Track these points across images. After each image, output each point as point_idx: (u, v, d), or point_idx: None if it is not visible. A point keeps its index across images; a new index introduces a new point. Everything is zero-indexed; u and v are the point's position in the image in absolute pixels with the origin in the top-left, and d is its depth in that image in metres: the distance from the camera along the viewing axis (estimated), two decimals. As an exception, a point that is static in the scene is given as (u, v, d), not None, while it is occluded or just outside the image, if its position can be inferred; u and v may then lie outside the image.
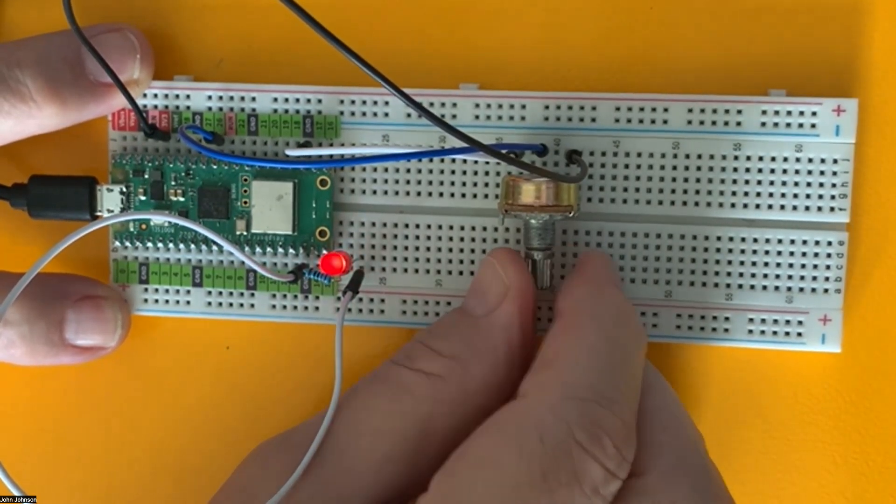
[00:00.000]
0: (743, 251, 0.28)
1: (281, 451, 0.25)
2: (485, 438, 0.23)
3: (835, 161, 0.27)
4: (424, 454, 0.24)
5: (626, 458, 0.22)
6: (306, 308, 0.29)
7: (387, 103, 0.28)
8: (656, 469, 0.23)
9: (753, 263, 0.28)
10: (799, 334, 0.28)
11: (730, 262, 0.28)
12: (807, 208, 0.27)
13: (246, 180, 0.29)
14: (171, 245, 0.29)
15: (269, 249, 0.29)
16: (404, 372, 0.25)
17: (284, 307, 0.29)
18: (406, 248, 0.29)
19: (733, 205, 0.27)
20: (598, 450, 0.22)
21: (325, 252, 0.28)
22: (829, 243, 0.27)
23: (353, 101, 0.28)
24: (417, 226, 0.29)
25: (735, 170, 0.27)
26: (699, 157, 0.27)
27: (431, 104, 0.28)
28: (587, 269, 0.26)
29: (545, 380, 0.23)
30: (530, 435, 0.22)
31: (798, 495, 0.29)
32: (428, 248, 0.29)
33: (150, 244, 0.29)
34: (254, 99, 0.29)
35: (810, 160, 0.27)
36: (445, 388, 0.25)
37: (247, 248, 0.29)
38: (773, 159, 0.27)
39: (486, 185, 0.28)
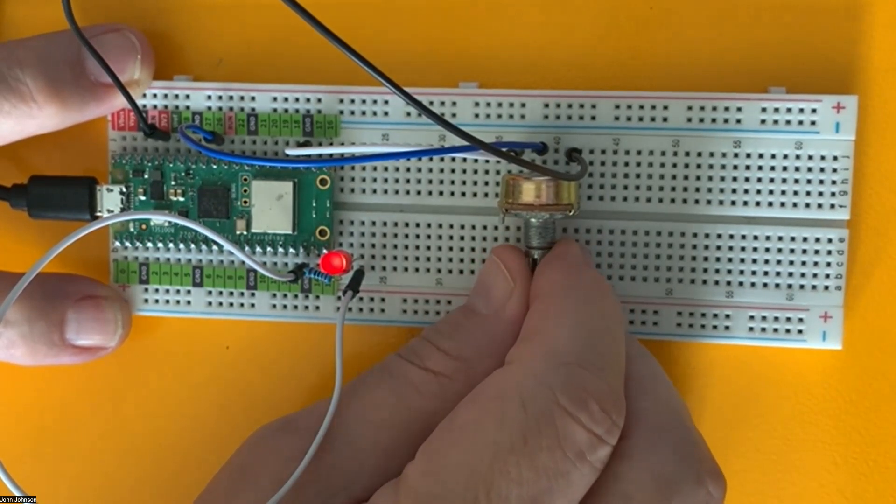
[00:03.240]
0: (743, 248, 0.28)
1: (282, 433, 0.26)
2: (467, 406, 0.23)
3: (835, 158, 0.27)
4: None
5: (616, 423, 0.22)
6: (306, 307, 0.29)
7: (386, 102, 0.28)
8: (638, 433, 0.23)
9: (754, 261, 0.28)
10: (800, 331, 0.28)
11: (730, 260, 0.28)
12: (807, 205, 0.27)
13: (246, 180, 0.29)
14: (171, 245, 0.29)
15: (269, 249, 0.29)
16: (413, 369, 0.26)
17: (285, 307, 0.29)
18: (406, 247, 0.29)
19: (733, 202, 0.27)
20: (584, 413, 0.22)
21: (325, 251, 0.28)
22: (830, 240, 0.27)
23: (352, 101, 0.29)
24: (418, 225, 0.29)
25: (735, 167, 0.27)
26: (699, 154, 0.27)
27: (431, 103, 0.28)
28: (560, 253, 0.26)
29: (528, 349, 0.24)
30: (512, 401, 0.22)
31: (798, 495, 0.28)
32: (428, 247, 0.29)
33: (150, 244, 0.29)
34: (253, 98, 0.29)
35: (810, 157, 0.27)
36: (452, 388, 0.25)
37: (247, 248, 0.29)
38: (773, 156, 0.27)
39: (487, 183, 0.28)
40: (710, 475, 0.23)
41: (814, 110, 0.27)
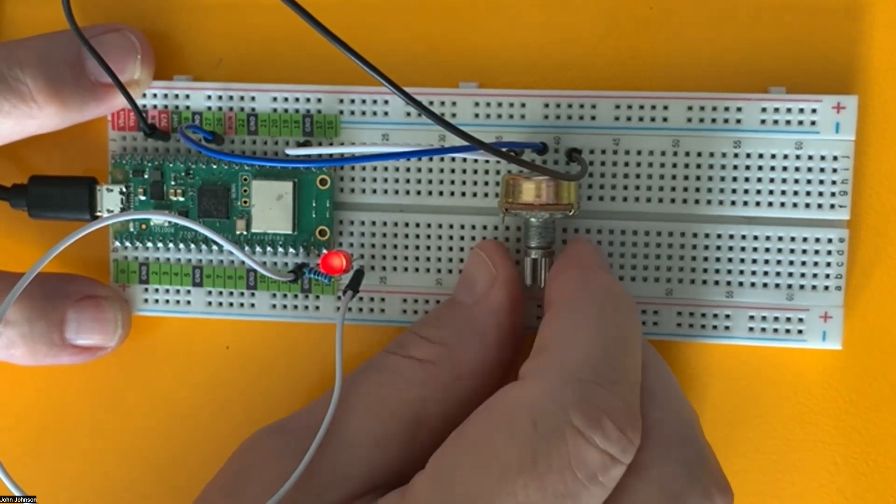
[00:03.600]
0: (743, 248, 0.28)
1: (275, 436, 0.26)
2: (479, 420, 0.23)
3: (835, 158, 0.27)
4: (419, 437, 0.25)
5: (632, 441, 0.22)
6: (306, 307, 0.29)
7: (386, 102, 0.28)
8: (649, 445, 0.23)
9: (754, 261, 0.28)
10: (800, 332, 0.28)
11: (730, 260, 0.28)
12: (807, 205, 0.27)
13: (246, 180, 0.29)
14: (171, 245, 0.29)
15: (269, 249, 0.29)
16: (397, 359, 0.26)
17: (285, 307, 0.29)
18: (406, 246, 0.29)
19: (733, 202, 0.27)
20: (598, 433, 0.21)
21: (325, 251, 0.28)
22: (830, 240, 0.27)
23: (352, 101, 0.29)
24: (418, 225, 0.29)
25: (735, 167, 0.27)
26: (699, 154, 0.27)
27: (431, 103, 0.28)
28: (573, 256, 0.26)
29: (542, 364, 0.23)
30: (523, 419, 0.22)
31: (798, 495, 0.28)
32: (428, 247, 0.29)
33: (150, 244, 0.29)
34: (253, 98, 0.29)
35: (810, 157, 0.27)
36: (437, 373, 0.25)
37: (247, 248, 0.29)
38: (773, 157, 0.27)
39: (486, 183, 0.28)
40: (718, 490, 0.23)
41: (814, 110, 0.27)
